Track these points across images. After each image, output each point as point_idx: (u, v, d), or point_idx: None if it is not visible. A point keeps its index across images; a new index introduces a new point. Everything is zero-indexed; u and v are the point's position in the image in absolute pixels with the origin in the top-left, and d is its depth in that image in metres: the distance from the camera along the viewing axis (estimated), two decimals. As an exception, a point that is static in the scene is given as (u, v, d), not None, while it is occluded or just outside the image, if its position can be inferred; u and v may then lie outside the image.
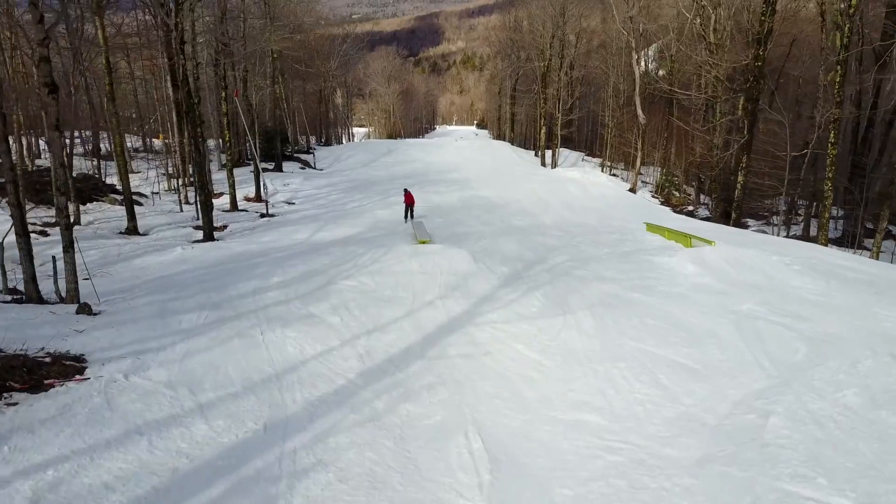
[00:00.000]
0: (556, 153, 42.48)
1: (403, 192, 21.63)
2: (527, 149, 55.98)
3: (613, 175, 38.68)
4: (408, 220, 20.53)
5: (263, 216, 22.35)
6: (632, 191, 33.36)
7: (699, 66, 30.41)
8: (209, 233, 17.79)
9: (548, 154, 43.33)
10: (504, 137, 67.13)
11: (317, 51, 48.35)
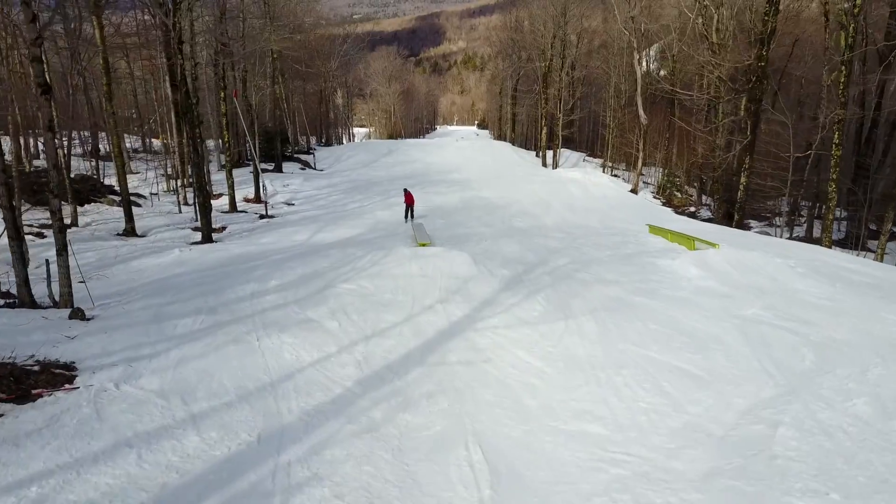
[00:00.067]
0: (558, 154, 42.30)
1: (403, 192, 21.79)
2: (528, 149, 55.85)
3: (615, 176, 38.51)
4: (408, 221, 20.63)
5: (263, 217, 22.21)
6: (633, 192, 33.19)
7: (701, 67, 30.23)
8: (208, 234, 17.66)
9: (549, 154, 43.16)
10: (505, 138, 66.99)
11: (317, 51, 48.21)
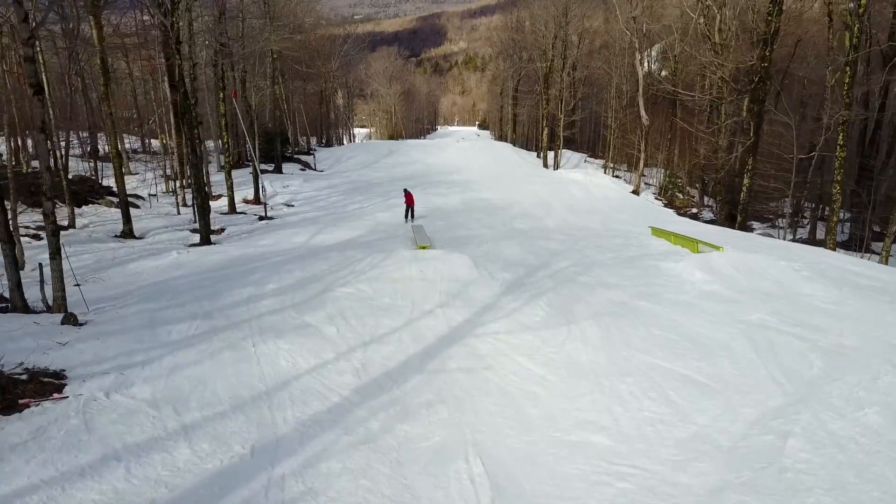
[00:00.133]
0: (559, 154, 42.10)
1: (404, 193, 21.97)
2: (529, 150, 55.65)
3: (616, 177, 38.31)
4: (408, 221, 20.73)
5: (262, 219, 22.03)
6: (635, 193, 33.01)
7: (703, 67, 30.05)
8: (206, 236, 17.49)
9: (550, 155, 42.96)
10: (506, 138, 66.79)
11: (317, 51, 48.04)
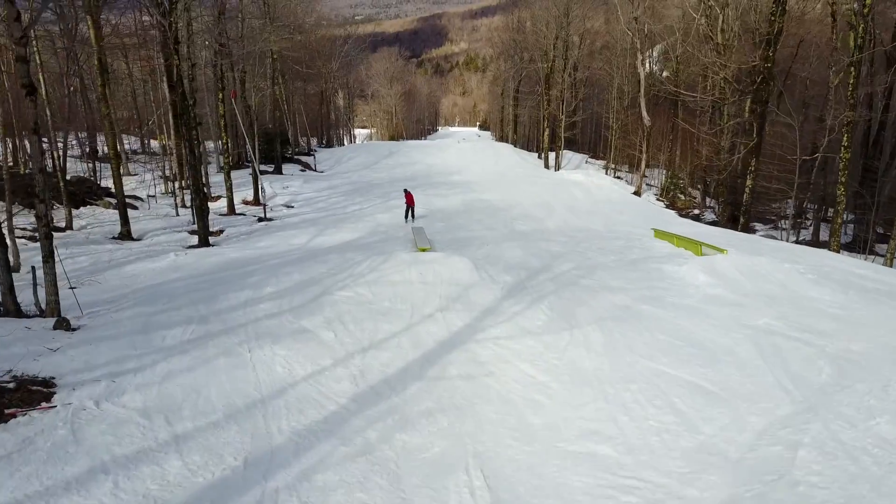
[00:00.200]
0: (560, 155, 41.91)
1: (404, 193, 22.16)
2: (530, 151, 55.48)
3: (617, 178, 38.13)
4: (408, 221, 20.82)
5: (261, 220, 21.89)
6: (636, 194, 32.83)
7: (705, 68, 29.87)
8: (204, 238, 17.35)
9: (551, 156, 42.80)
10: (507, 139, 66.64)
11: (318, 52, 47.90)
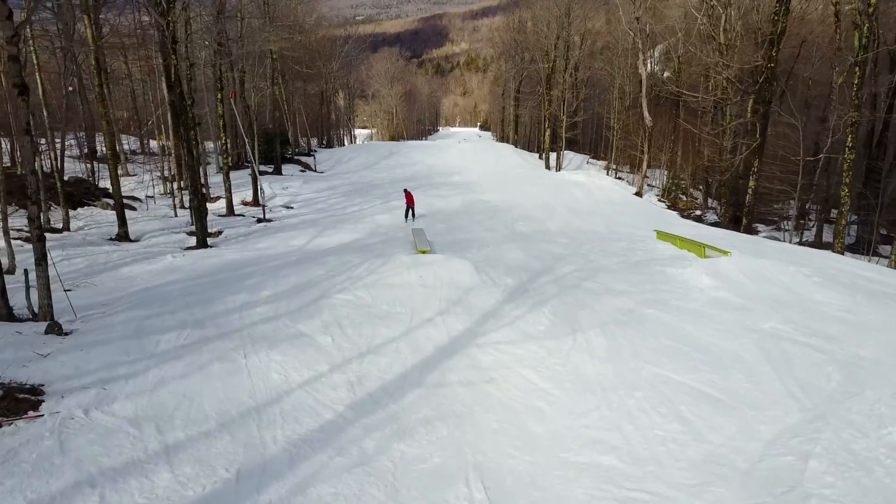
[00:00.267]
0: (561, 156, 41.73)
1: (404, 193, 22.32)
2: (530, 151, 55.30)
3: (619, 178, 37.94)
4: (408, 220, 20.93)
5: (260, 221, 21.72)
6: (638, 194, 32.63)
7: (707, 68, 29.68)
8: (202, 239, 17.19)
9: (552, 157, 42.61)
10: (507, 140, 66.47)
11: (318, 52, 47.74)
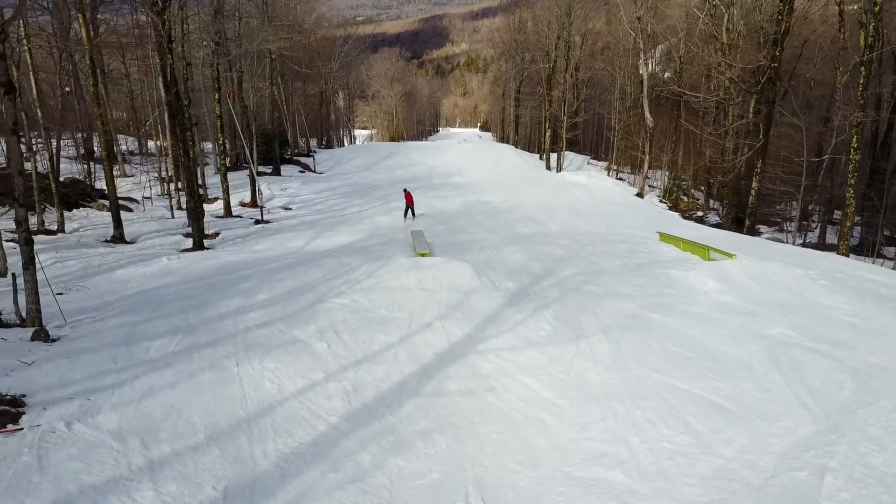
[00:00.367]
0: (562, 156, 41.48)
1: (404, 192, 22.60)
2: (531, 152, 55.06)
3: (620, 179, 37.71)
4: (407, 220, 21.38)
5: (258, 222, 21.48)
6: (639, 195, 32.39)
7: (709, 68, 29.46)
8: (199, 241, 16.95)
9: (553, 157, 42.36)
10: (508, 140, 66.26)
11: (318, 52, 47.52)
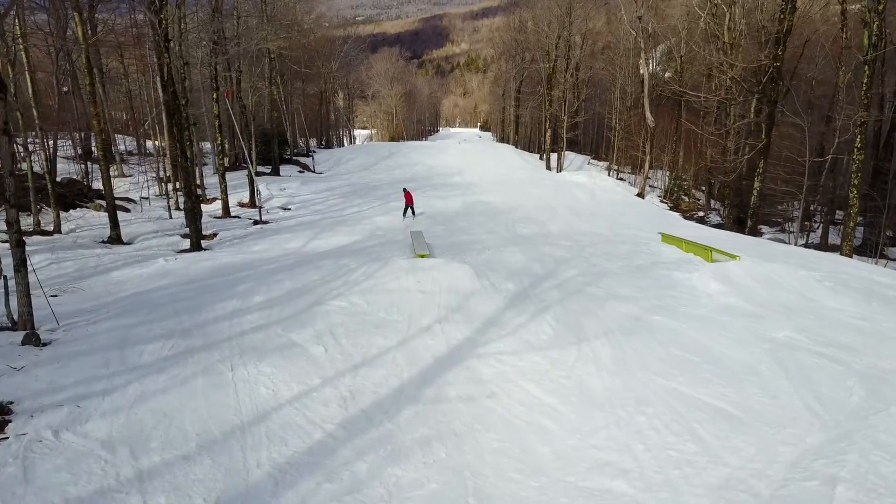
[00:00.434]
0: (562, 156, 41.31)
1: (403, 192, 22.90)
2: (531, 152, 54.92)
3: (620, 179, 37.56)
4: (406, 218, 21.75)
5: (256, 223, 21.33)
6: (640, 195, 32.24)
7: (710, 67, 29.29)
8: (196, 242, 16.79)
9: (553, 157, 42.20)
10: (508, 140, 66.13)
11: (317, 52, 47.39)
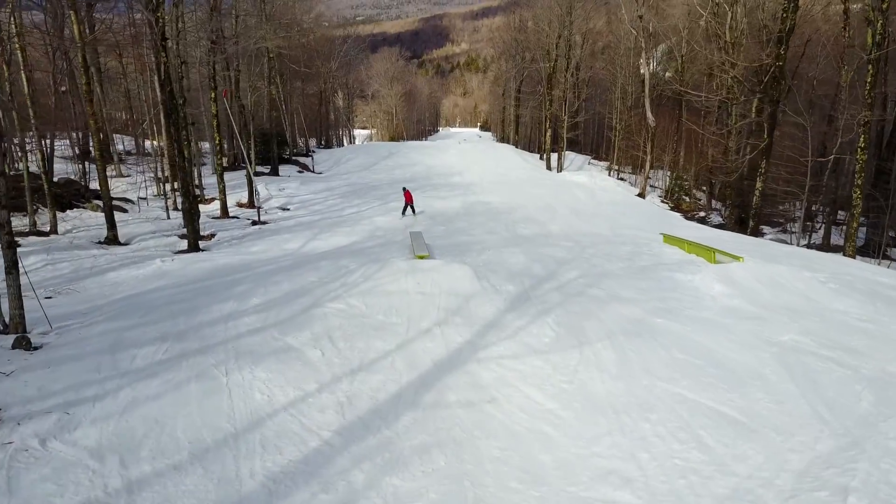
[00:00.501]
0: (562, 156, 41.17)
1: (403, 191, 23.23)
2: (531, 152, 54.78)
3: (621, 179, 37.43)
4: (405, 215, 22.13)
5: (255, 223, 21.18)
6: (641, 196, 32.11)
7: (711, 67, 29.14)
8: (194, 243, 16.65)
9: (553, 157, 42.06)
10: (508, 140, 65.99)
11: (317, 51, 47.25)
